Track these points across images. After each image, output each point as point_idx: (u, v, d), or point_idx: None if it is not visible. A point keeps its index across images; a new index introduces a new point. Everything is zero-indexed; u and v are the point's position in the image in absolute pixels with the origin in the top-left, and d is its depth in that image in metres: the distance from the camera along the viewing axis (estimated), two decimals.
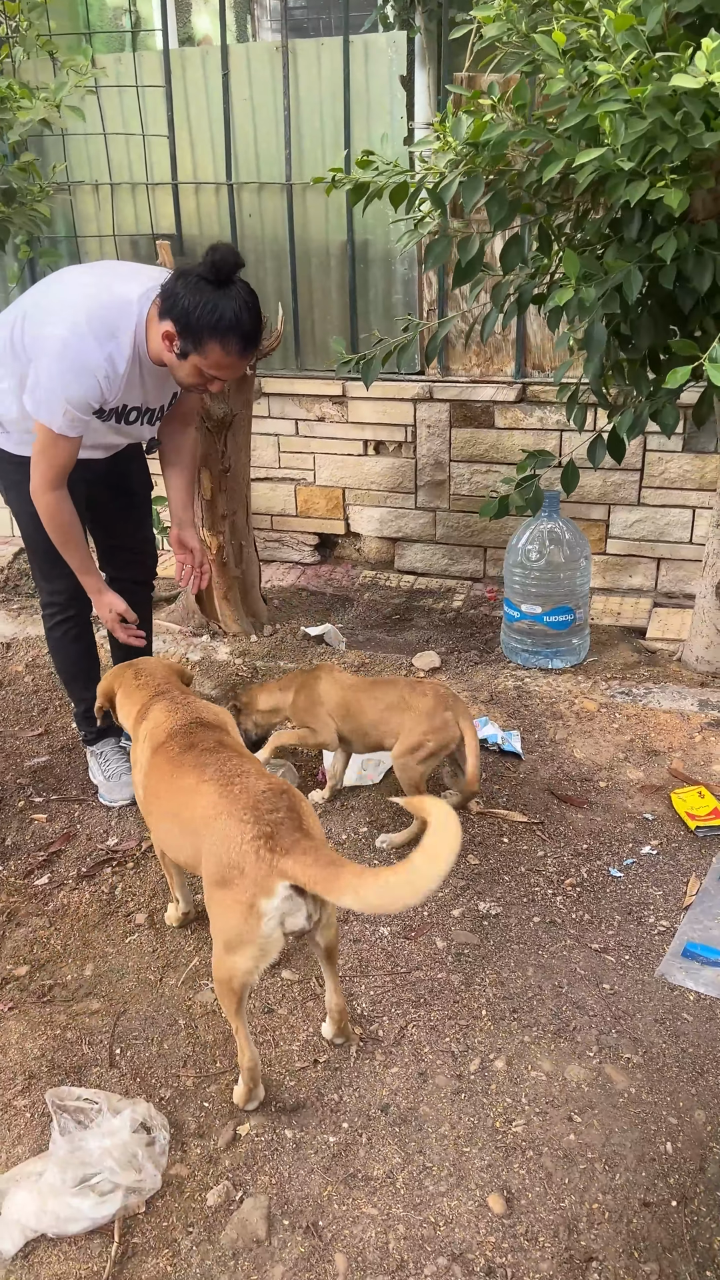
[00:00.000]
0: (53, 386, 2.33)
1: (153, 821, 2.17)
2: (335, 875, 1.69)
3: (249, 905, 1.78)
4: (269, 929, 1.79)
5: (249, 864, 1.79)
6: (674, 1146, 1.87)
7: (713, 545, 3.29)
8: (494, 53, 2.48)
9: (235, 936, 1.82)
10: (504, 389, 4.07)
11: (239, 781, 1.95)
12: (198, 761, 2.05)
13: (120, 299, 2.36)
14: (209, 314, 2.24)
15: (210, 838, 1.88)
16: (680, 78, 1.84)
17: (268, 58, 4.13)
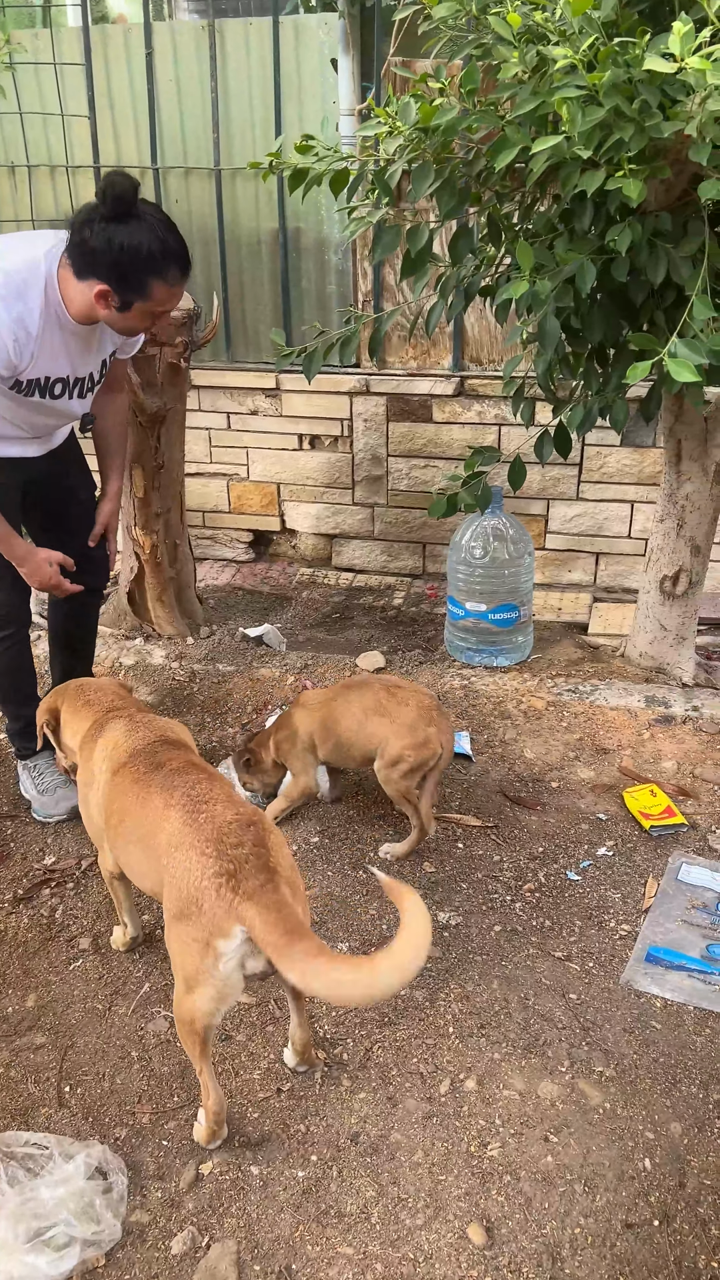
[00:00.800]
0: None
1: (115, 846, 2.04)
2: (288, 946, 1.58)
3: (205, 944, 1.68)
4: (227, 970, 1.68)
5: (208, 901, 1.68)
6: (652, 1162, 1.83)
7: (655, 541, 3.28)
8: (432, 37, 2.39)
9: (193, 975, 1.71)
10: (441, 382, 4.01)
11: (205, 809, 1.82)
12: (166, 783, 1.92)
13: (25, 259, 2.18)
14: (138, 255, 2.09)
15: (172, 868, 1.76)
16: (652, 61, 1.78)
17: (193, 36, 3.98)
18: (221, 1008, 1.73)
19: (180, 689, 3.42)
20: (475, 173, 2.50)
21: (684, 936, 2.35)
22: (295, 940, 1.59)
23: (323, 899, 2.48)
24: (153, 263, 2.12)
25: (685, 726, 3.14)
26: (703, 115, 1.86)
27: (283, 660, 3.58)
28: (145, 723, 2.13)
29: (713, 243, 2.28)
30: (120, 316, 2.22)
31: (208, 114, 4.03)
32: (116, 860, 2.06)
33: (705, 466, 3.03)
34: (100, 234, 2.09)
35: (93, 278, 2.15)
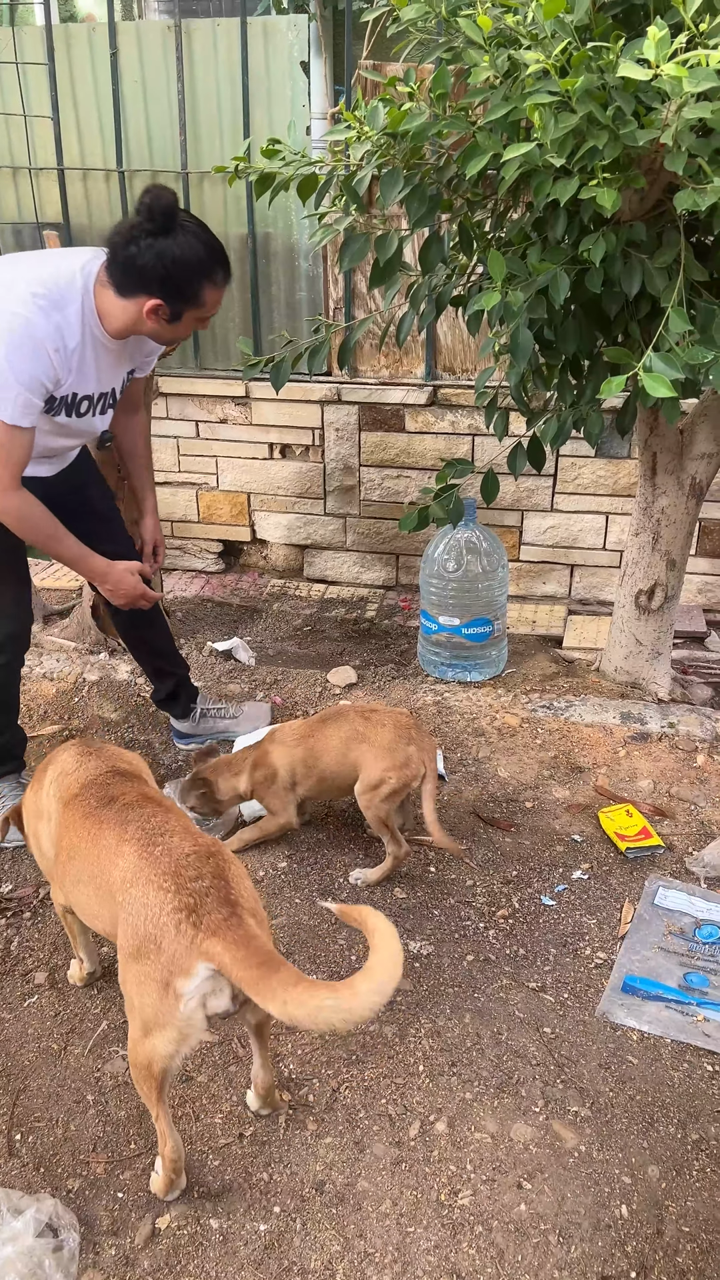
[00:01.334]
0: (3, 373, 2.11)
1: (66, 884, 1.94)
2: (264, 978, 1.50)
3: (164, 984, 1.59)
4: (188, 1010, 1.59)
5: (167, 938, 1.59)
6: (629, 1209, 1.76)
7: (630, 554, 3.22)
8: (402, 40, 2.32)
9: (151, 1017, 1.62)
10: (414, 391, 3.94)
11: (161, 842, 1.74)
12: (119, 818, 1.83)
13: (62, 270, 2.18)
14: (188, 265, 2.14)
15: (127, 905, 1.67)
16: (627, 67, 1.72)
17: (159, 37, 3.89)
18: (182, 1050, 1.64)
19: (145, 706, 3.32)
20: (446, 179, 2.43)
21: (661, 964, 2.29)
22: (271, 972, 1.52)
23: (290, 928, 2.40)
24: (202, 269, 2.17)
25: (661, 744, 3.09)
26: (678, 123, 1.80)
27: (251, 675, 3.50)
28: (97, 751, 2.04)
29: (688, 254, 2.23)
30: (170, 328, 2.25)
31: (174, 116, 3.94)
32: (67, 897, 1.97)
33: (680, 480, 2.98)
34: (148, 250, 2.10)
35: (142, 294, 2.17)
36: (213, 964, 1.56)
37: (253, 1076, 1.90)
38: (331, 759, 2.52)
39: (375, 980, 1.46)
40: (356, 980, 1.46)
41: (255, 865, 2.61)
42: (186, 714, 3.09)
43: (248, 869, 2.56)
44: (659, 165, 2.13)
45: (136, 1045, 1.66)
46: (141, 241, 2.10)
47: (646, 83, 1.76)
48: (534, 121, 1.93)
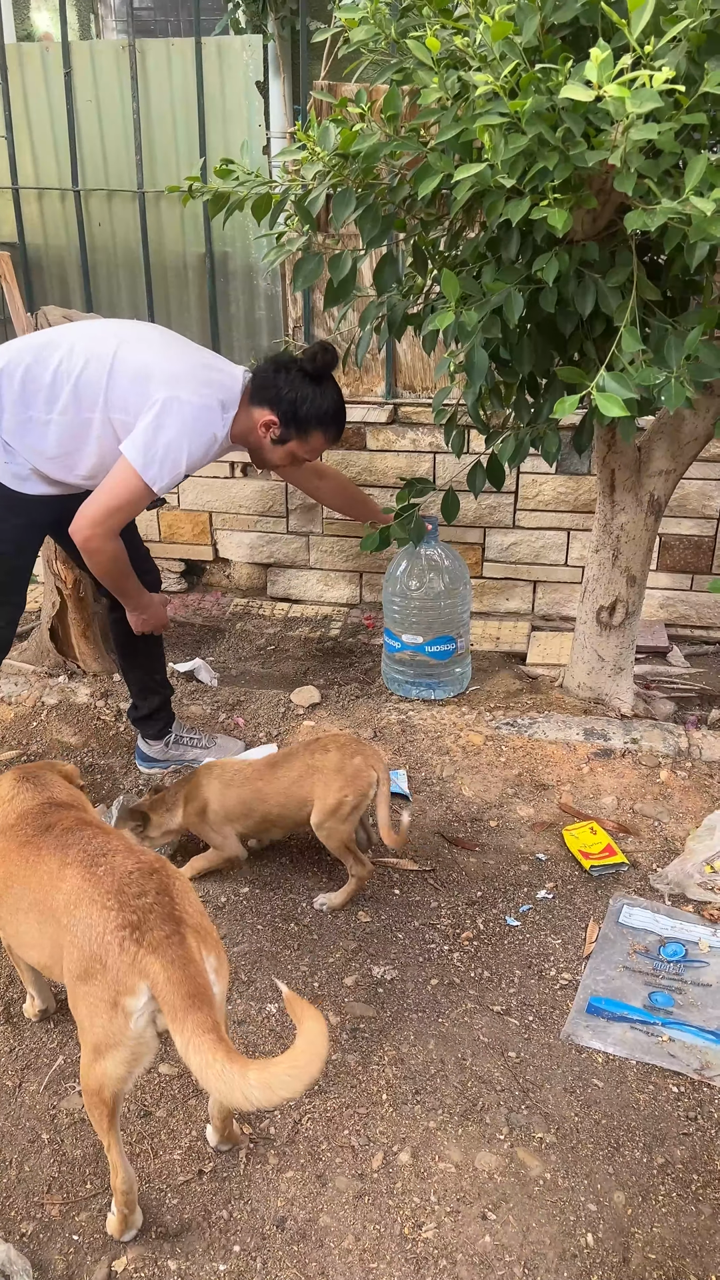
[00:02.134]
0: (178, 447, 2.41)
1: (3, 915, 1.90)
2: (184, 1012, 1.49)
3: (112, 1003, 1.57)
4: (138, 1029, 1.57)
5: (111, 956, 1.57)
6: (595, 1238, 1.73)
7: (591, 571, 3.23)
8: (356, 61, 2.32)
9: (102, 1039, 1.59)
10: (375, 410, 3.93)
11: (104, 862, 1.72)
12: (59, 843, 1.80)
13: (231, 378, 2.52)
14: (316, 407, 2.52)
15: (72, 927, 1.64)
16: (571, 88, 1.72)
17: (114, 57, 3.88)
18: (134, 1071, 1.62)
19: (106, 729, 3.28)
20: (400, 199, 2.43)
21: (626, 984, 2.27)
22: (193, 1009, 1.50)
23: (251, 955, 2.36)
24: (324, 418, 2.56)
25: (624, 760, 3.09)
26: (626, 144, 1.81)
27: (214, 696, 3.46)
28: (35, 777, 2.01)
29: (640, 274, 2.24)
30: (270, 448, 2.59)
31: (130, 135, 3.93)
32: (3, 929, 1.93)
33: (639, 497, 2.99)
34: (294, 383, 2.50)
35: (267, 407, 2.51)
36: (148, 982, 1.55)
37: (210, 1108, 1.86)
38: (279, 801, 2.50)
39: (269, 1075, 1.42)
40: (253, 1067, 1.44)
41: (217, 891, 2.57)
42: (161, 736, 3.05)
43: (208, 895, 2.53)
44: (609, 186, 2.14)
45: (88, 1070, 1.62)
46: (294, 373, 2.49)
47: (593, 104, 1.77)
48: (484, 142, 1.93)
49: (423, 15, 2.16)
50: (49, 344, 2.50)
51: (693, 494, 3.81)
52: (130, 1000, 1.56)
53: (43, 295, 4.22)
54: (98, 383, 2.43)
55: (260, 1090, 1.42)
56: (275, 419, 2.51)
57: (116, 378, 2.43)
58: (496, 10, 1.89)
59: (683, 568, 3.95)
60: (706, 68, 1.87)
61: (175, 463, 2.41)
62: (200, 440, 2.44)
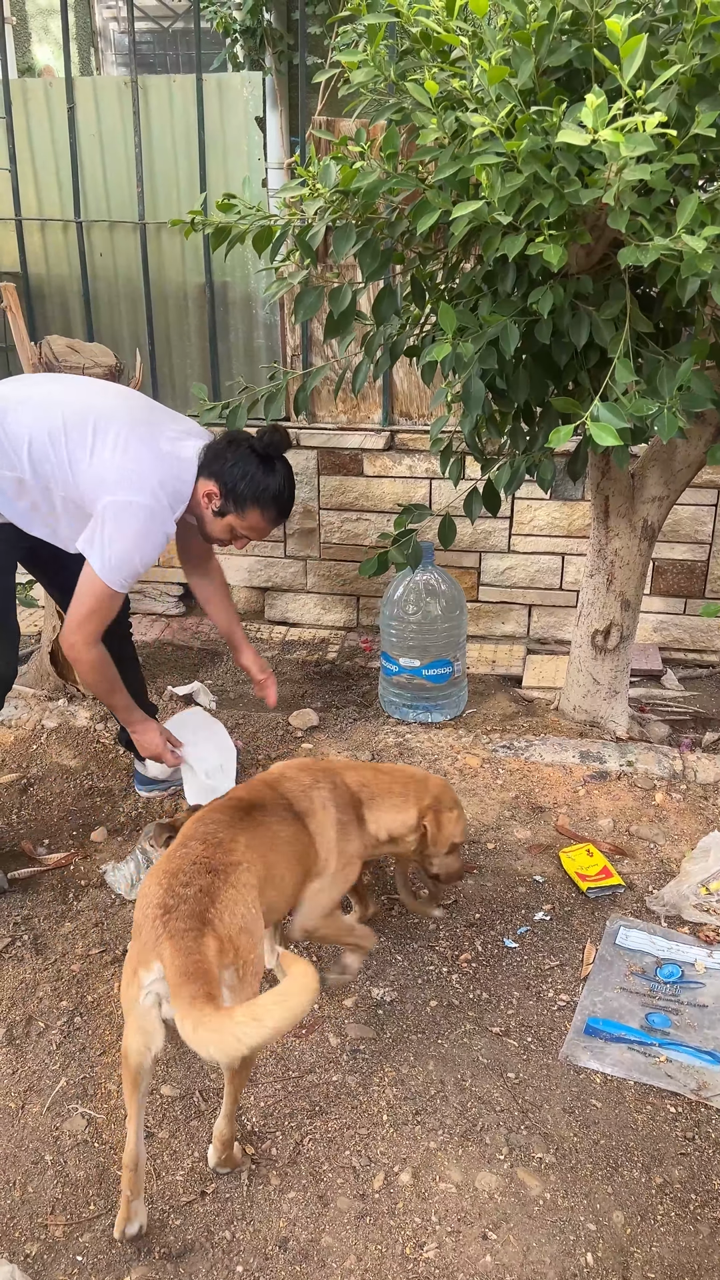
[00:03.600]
0: (129, 551, 2.43)
1: None
2: (179, 986, 1.57)
3: (134, 971, 1.69)
4: (145, 1005, 1.66)
5: (145, 930, 1.69)
6: (594, 1257, 1.75)
7: (586, 595, 3.27)
8: (354, 98, 2.39)
9: (125, 1002, 1.71)
10: (372, 436, 3.99)
11: (185, 846, 1.86)
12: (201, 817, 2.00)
13: (185, 466, 2.51)
14: (257, 485, 2.51)
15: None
16: (567, 133, 1.78)
17: (116, 92, 3.96)
18: (148, 1046, 1.68)
19: (105, 752, 3.30)
20: (398, 234, 2.49)
21: (623, 1005, 2.30)
22: (187, 983, 1.57)
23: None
24: (264, 498, 2.53)
25: (620, 782, 3.12)
26: (619, 184, 1.86)
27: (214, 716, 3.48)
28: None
29: (634, 306, 2.29)
30: (211, 518, 2.58)
31: (131, 168, 4.00)
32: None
33: (633, 523, 3.04)
34: (241, 458, 2.50)
35: (214, 480, 2.51)
36: (161, 963, 1.63)
37: (214, 1128, 1.88)
38: None
39: (256, 1008, 1.48)
40: (239, 1007, 1.51)
41: None
42: None
43: None
44: (603, 222, 2.20)
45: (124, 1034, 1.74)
46: (243, 449, 2.50)
47: (588, 146, 1.82)
48: (481, 181, 1.99)
49: (421, 58, 2.22)
50: (13, 403, 2.49)
51: (685, 519, 3.86)
52: (144, 973, 1.65)
53: (45, 325, 4.28)
54: (55, 471, 2.45)
55: (249, 1024, 1.45)
56: (217, 490, 2.52)
57: (75, 475, 2.44)
58: (493, 54, 1.95)
59: (676, 592, 4.00)
60: (697, 110, 1.93)
61: (132, 568, 2.45)
62: (152, 542, 2.46)
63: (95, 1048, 2.18)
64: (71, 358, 3.19)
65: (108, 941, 2.49)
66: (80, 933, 2.52)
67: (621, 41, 1.78)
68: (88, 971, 2.39)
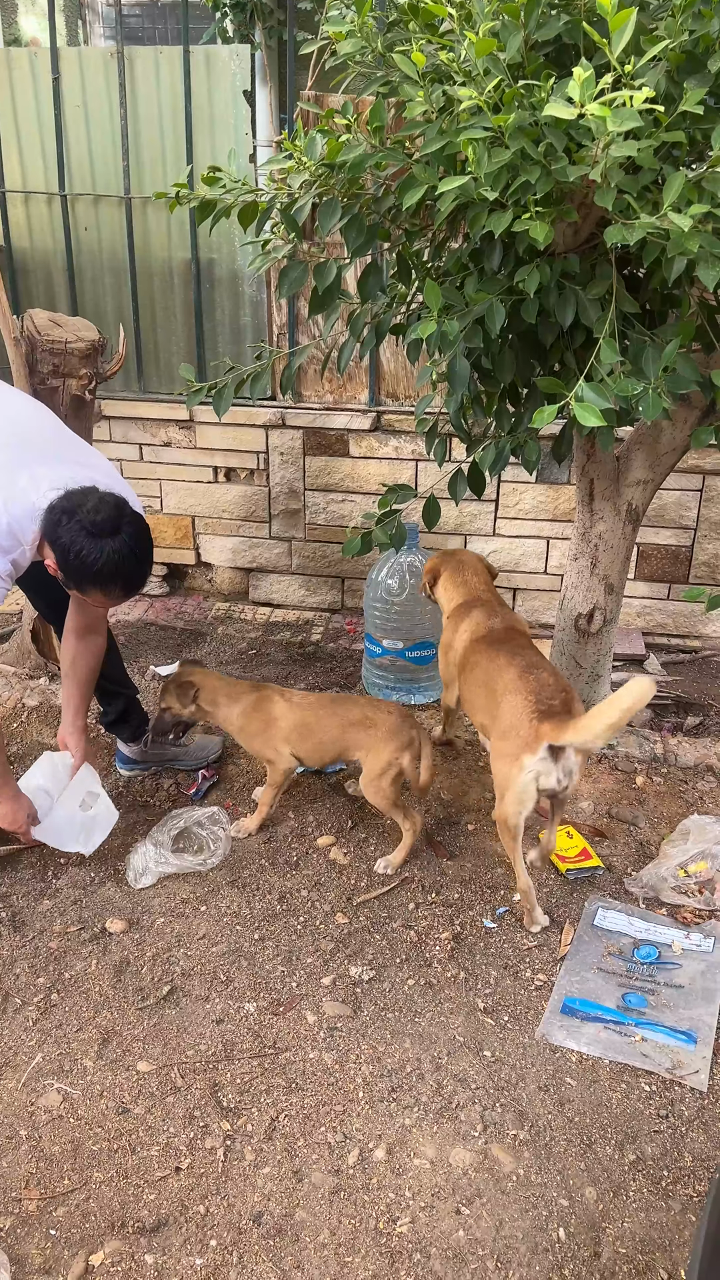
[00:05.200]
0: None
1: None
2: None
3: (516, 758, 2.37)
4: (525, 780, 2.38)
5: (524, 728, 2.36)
6: (567, 1232, 1.76)
7: (570, 579, 3.27)
8: (342, 72, 2.36)
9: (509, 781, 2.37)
10: (358, 417, 3.97)
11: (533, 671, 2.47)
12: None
13: (30, 509, 2.24)
14: (90, 564, 2.19)
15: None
16: (554, 106, 1.76)
17: (102, 64, 3.90)
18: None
19: (86, 731, 3.28)
20: (385, 209, 2.46)
21: (600, 986, 2.31)
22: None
23: (230, 955, 2.38)
24: (99, 577, 2.22)
25: (601, 765, 3.12)
26: (606, 160, 1.85)
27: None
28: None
29: (620, 286, 2.28)
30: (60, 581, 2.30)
31: (117, 141, 3.95)
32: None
33: (617, 506, 3.03)
34: (72, 532, 2.17)
35: (50, 548, 2.23)
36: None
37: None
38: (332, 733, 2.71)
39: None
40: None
41: (196, 892, 2.58)
42: (137, 737, 3.06)
43: (186, 896, 2.54)
44: (590, 200, 2.18)
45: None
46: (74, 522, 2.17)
47: (575, 121, 1.81)
48: (468, 156, 1.97)
49: (409, 30, 2.19)
50: None
51: (670, 504, 3.86)
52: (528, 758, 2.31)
53: (29, 299, 4.23)
54: None
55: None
56: (55, 564, 2.26)
57: None
58: (481, 27, 1.93)
59: (660, 577, 4.01)
60: (685, 87, 1.91)
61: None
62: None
63: (72, 1024, 2.18)
64: (54, 332, 3.15)
65: (86, 919, 2.48)
66: (59, 910, 2.51)
67: (611, 15, 1.76)
68: (65, 949, 2.39)
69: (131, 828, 2.82)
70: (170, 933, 2.44)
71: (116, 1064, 2.08)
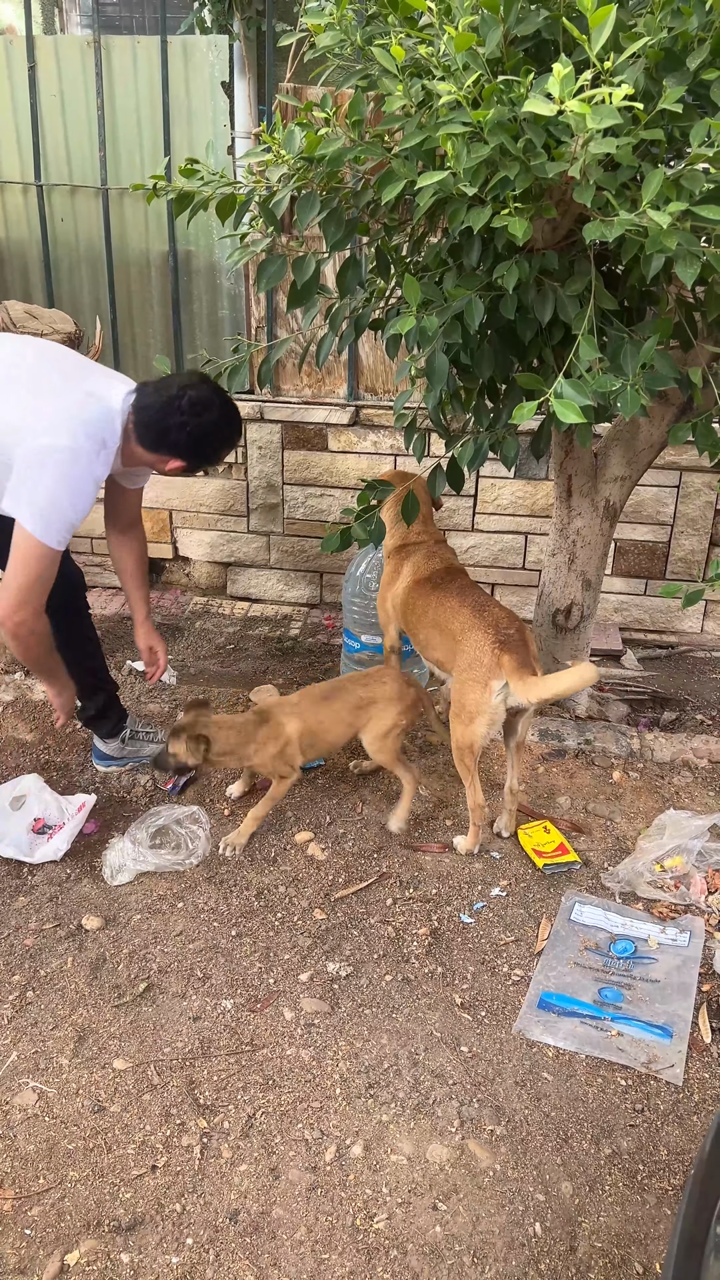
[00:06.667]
0: (59, 502, 2.29)
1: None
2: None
3: (484, 684, 2.58)
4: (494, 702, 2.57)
5: (487, 659, 2.59)
6: (543, 1227, 1.77)
7: (548, 575, 3.28)
8: (322, 64, 2.34)
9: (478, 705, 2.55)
10: (337, 411, 3.96)
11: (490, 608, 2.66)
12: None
13: (108, 410, 2.38)
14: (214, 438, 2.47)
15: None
16: (533, 103, 1.76)
17: (79, 52, 3.86)
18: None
19: (61, 727, 3.26)
20: (364, 204, 2.45)
21: (576, 980, 2.32)
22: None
23: (207, 952, 2.37)
24: (227, 440, 2.53)
25: (578, 760, 3.14)
26: (585, 157, 1.85)
27: (173, 694, 3.46)
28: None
29: (598, 283, 2.28)
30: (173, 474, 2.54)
31: (93, 131, 3.92)
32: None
33: (595, 502, 3.04)
34: (182, 428, 2.40)
35: (169, 455, 2.46)
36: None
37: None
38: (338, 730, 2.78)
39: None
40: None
41: (173, 888, 2.57)
42: (115, 733, 3.04)
43: (163, 893, 2.53)
44: (569, 196, 2.18)
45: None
46: (178, 418, 2.38)
47: (554, 117, 1.80)
48: (447, 150, 1.96)
49: (388, 23, 2.18)
50: None
51: (648, 500, 3.88)
52: (495, 682, 2.50)
53: (3, 289, 4.18)
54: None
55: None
56: (181, 463, 2.47)
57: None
58: (460, 21, 1.92)
59: (637, 573, 4.02)
60: (664, 84, 1.92)
61: (64, 518, 2.30)
62: (81, 489, 2.32)
63: (47, 1022, 2.16)
64: (30, 323, 3.12)
65: (62, 916, 2.47)
66: (34, 907, 2.50)
67: (591, 12, 1.76)
68: (41, 946, 2.37)
69: (108, 824, 2.81)
70: (147, 929, 2.43)
71: (92, 1062, 2.07)
